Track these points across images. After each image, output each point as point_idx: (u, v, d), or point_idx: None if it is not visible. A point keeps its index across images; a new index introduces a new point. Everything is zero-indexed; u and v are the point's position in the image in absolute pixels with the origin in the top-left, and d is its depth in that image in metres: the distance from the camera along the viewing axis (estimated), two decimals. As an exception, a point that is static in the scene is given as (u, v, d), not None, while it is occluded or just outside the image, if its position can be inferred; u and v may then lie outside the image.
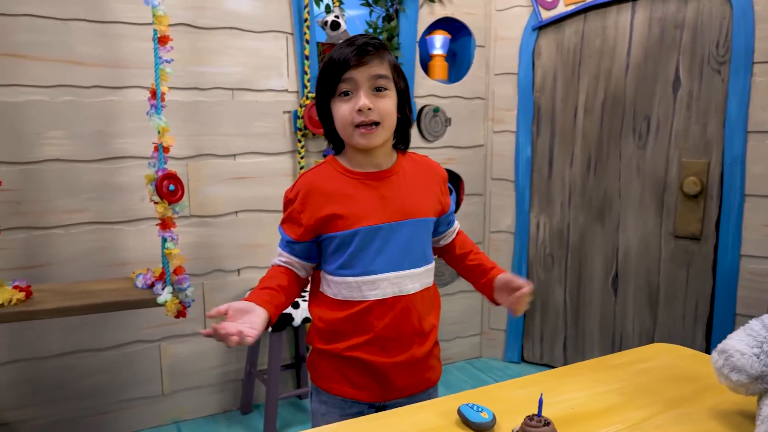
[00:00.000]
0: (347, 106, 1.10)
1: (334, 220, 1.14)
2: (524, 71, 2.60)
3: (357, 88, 1.10)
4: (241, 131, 2.19)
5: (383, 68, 1.11)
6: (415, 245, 1.18)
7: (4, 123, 1.83)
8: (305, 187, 1.16)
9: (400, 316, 1.16)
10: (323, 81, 1.14)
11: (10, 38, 1.81)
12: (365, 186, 1.16)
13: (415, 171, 1.22)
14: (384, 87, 1.11)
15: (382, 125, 1.11)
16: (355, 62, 1.08)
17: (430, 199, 1.21)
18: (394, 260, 1.15)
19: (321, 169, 1.20)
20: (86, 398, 2.05)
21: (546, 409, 0.94)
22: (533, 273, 2.73)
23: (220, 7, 2.10)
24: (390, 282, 1.15)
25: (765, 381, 0.88)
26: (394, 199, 1.16)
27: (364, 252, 1.14)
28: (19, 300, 1.67)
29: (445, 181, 1.27)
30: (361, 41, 1.09)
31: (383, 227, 1.14)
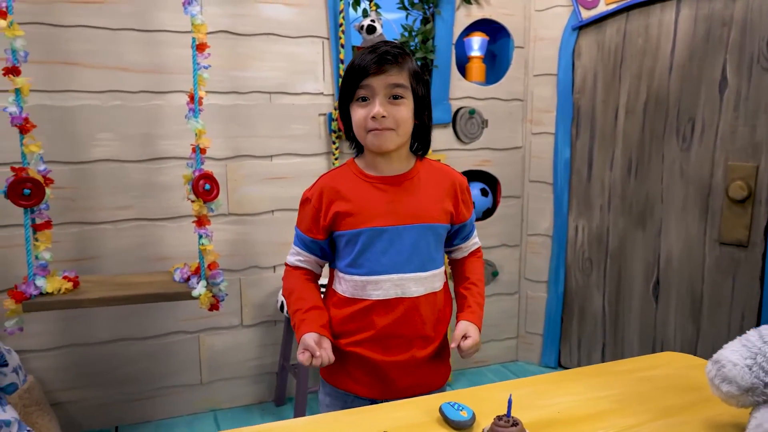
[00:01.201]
0: (363, 112, 1.15)
1: (343, 219, 1.19)
2: (564, 72, 2.56)
3: (374, 95, 1.14)
4: (278, 133, 2.27)
5: (401, 77, 1.15)
6: (422, 249, 1.21)
7: (59, 126, 1.98)
8: (322, 187, 1.22)
9: (403, 317, 1.19)
10: (345, 85, 1.19)
11: (66, 47, 1.96)
12: (377, 189, 1.20)
13: (430, 177, 1.25)
14: (400, 95, 1.15)
15: (395, 131, 1.15)
16: (374, 70, 1.13)
17: (442, 206, 1.23)
18: (399, 262, 1.19)
19: (339, 171, 1.26)
20: (129, 384, 2.19)
21: (532, 412, 0.94)
22: (571, 277, 2.68)
23: (259, 14, 2.18)
24: (393, 283, 1.19)
25: (756, 394, 0.85)
26: (405, 203, 1.19)
27: (369, 252, 1.19)
28: (67, 289, 1.81)
29: (464, 190, 1.29)
30: (381, 50, 1.14)
31: (389, 229, 1.18)
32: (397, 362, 1.19)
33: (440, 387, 1.29)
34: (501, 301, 2.78)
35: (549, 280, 2.73)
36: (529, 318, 2.82)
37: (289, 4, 2.22)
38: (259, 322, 2.34)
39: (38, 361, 2.05)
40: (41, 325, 2.03)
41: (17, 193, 1.71)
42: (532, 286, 2.78)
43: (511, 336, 2.83)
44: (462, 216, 1.29)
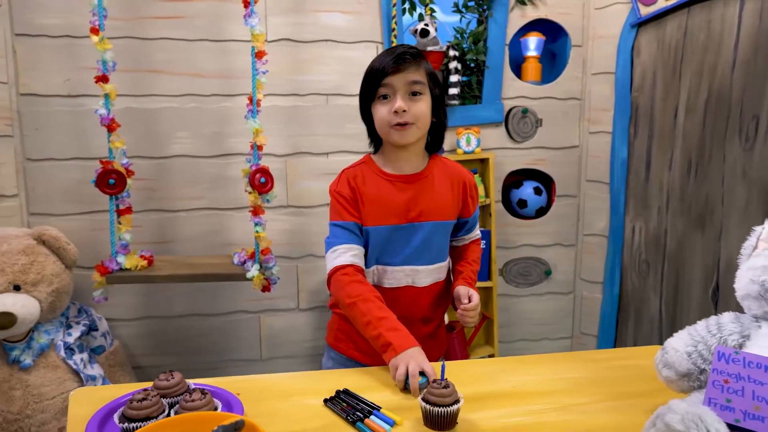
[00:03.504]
0: (385, 108, 1.25)
1: (366, 215, 1.30)
2: (622, 70, 2.52)
3: (394, 92, 1.23)
4: (334, 132, 2.44)
5: (419, 75, 1.24)
6: (432, 245, 1.32)
7: (143, 125, 2.28)
8: (351, 180, 1.32)
9: (410, 302, 1.31)
10: (365, 86, 1.30)
11: (150, 57, 2.25)
12: (396, 187, 1.30)
13: (443, 176, 1.34)
14: (419, 92, 1.24)
15: (416, 125, 1.25)
16: (393, 69, 1.22)
17: (452, 204, 1.34)
18: (411, 256, 1.30)
19: (360, 169, 1.37)
20: (199, 354, 2.46)
21: (489, 386, 1.03)
22: (627, 279, 2.63)
23: (317, 22, 2.37)
24: (405, 274, 1.31)
25: (691, 379, 0.88)
26: (421, 201, 1.29)
27: (387, 247, 1.30)
28: (142, 266, 2.10)
29: (471, 187, 1.39)
30: (399, 51, 1.24)
31: (406, 227, 1.29)
32: None
33: (438, 358, 1.39)
34: (555, 300, 2.78)
35: (604, 281, 2.69)
36: (584, 318, 2.79)
37: (345, 12, 2.38)
38: (313, 306, 2.53)
39: (123, 328, 2.38)
40: (127, 298, 2.35)
41: (104, 182, 2.01)
42: (588, 287, 2.76)
43: (565, 336, 2.82)
44: (468, 211, 1.39)
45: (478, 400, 0.99)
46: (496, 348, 2.58)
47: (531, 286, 2.74)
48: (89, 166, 2.12)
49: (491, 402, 0.98)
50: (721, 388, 0.82)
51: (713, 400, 0.81)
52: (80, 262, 2.15)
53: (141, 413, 0.85)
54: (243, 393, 1.01)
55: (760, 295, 0.89)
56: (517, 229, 2.68)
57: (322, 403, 1.00)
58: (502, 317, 2.69)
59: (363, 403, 0.99)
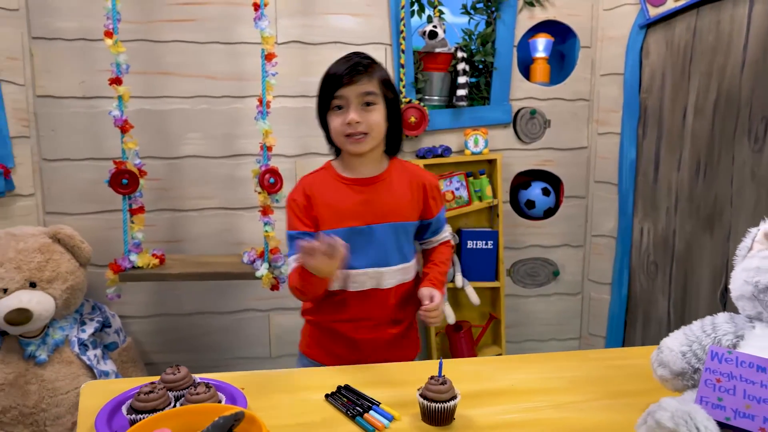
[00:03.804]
0: (339, 119, 1.28)
1: (323, 219, 1.32)
2: (631, 71, 2.52)
3: (348, 103, 1.27)
4: (343, 133, 2.47)
5: (371, 85, 1.28)
6: (394, 246, 1.35)
7: (155, 126, 2.32)
8: (306, 188, 1.35)
9: (376, 304, 1.34)
10: (321, 95, 1.32)
11: (162, 60, 2.29)
12: (352, 191, 1.33)
13: (402, 178, 1.37)
14: (372, 102, 1.28)
15: (370, 135, 1.28)
16: (347, 81, 1.26)
17: (411, 205, 1.36)
18: (374, 258, 1.32)
19: (318, 175, 1.40)
20: (209, 351, 2.50)
21: (488, 383, 1.05)
22: (635, 280, 2.63)
23: (327, 24, 2.40)
24: (369, 276, 1.33)
25: (685, 378, 0.90)
26: (378, 203, 1.32)
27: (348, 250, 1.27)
28: (154, 264, 2.14)
29: (433, 188, 1.40)
30: (353, 61, 1.27)
31: (364, 229, 1.31)
32: (369, 339, 1.34)
33: (413, 358, 1.43)
34: (563, 301, 2.78)
35: (613, 282, 2.69)
36: (591, 319, 2.79)
37: (354, 14, 2.41)
38: (322, 305, 2.56)
39: (135, 325, 2.42)
40: (139, 296, 2.40)
41: (117, 182, 2.06)
42: (596, 288, 2.76)
43: (573, 336, 2.83)
44: (430, 213, 1.41)
45: (476, 396, 1.01)
46: (504, 348, 2.59)
47: (539, 286, 2.75)
48: (103, 167, 2.17)
49: (488, 399, 1.00)
50: (713, 387, 0.84)
51: (705, 398, 0.83)
52: (94, 260, 2.20)
53: (148, 405, 0.88)
54: (247, 388, 1.04)
55: (753, 295, 0.90)
56: (525, 229, 2.69)
57: (323, 398, 1.02)
58: (510, 317, 2.70)
59: (363, 398, 1.01)
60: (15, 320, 1.88)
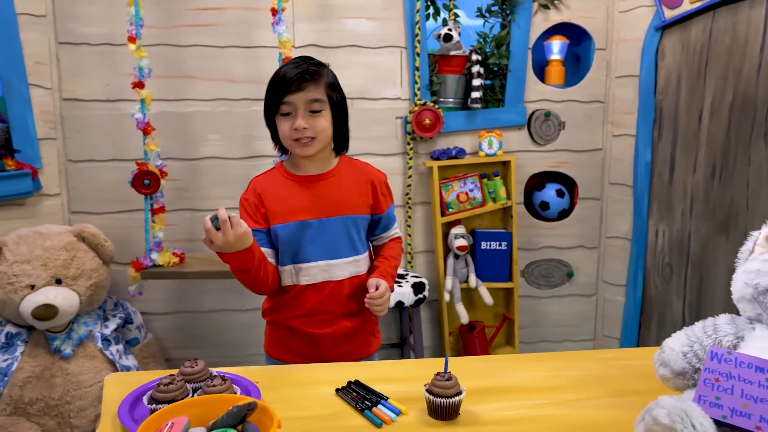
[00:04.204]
0: (287, 125, 1.31)
1: (274, 215, 1.36)
2: (646, 73, 2.52)
3: (295, 110, 1.30)
4: (359, 134, 2.48)
5: (318, 92, 1.30)
6: (345, 238, 1.39)
7: (177, 128, 2.39)
8: (257, 187, 1.39)
9: (330, 297, 1.37)
10: (269, 99, 1.35)
11: (183, 64, 2.36)
12: (302, 187, 1.37)
13: (351, 174, 1.41)
14: (318, 109, 1.31)
15: (316, 139, 1.31)
16: (294, 88, 1.28)
17: (360, 199, 1.40)
18: (325, 250, 1.36)
19: (269, 174, 1.44)
20: (227, 348, 2.56)
21: (494, 379, 1.08)
22: (650, 282, 2.62)
23: (343, 28, 2.44)
24: (321, 269, 1.37)
25: (686, 377, 0.92)
26: (328, 197, 1.36)
27: (298, 243, 1.36)
28: (174, 263, 2.20)
29: (382, 184, 1.45)
30: (301, 68, 1.30)
31: (313, 222, 1.35)
32: (327, 334, 1.38)
33: (369, 355, 1.47)
34: (577, 302, 2.79)
35: (627, 284, 2.69)
36: (606, 321, 2.80)
37: (370, 18, 2.45)
38: (337, 304, 2.60)
39: (156, 322, 2.49)
40: (160, 293, 2.46)
41: (139, 183, 2.13)
42: (610, 290, 2.76)
43: (587, 338, 2.83)
44: (381, 208, 1.45)
45: (481, 393, 1.04)
46: (517, 349, 2.61)
47: (553, 287, 2.76)
48: (126, 167, 2.24)
49: (493, 396, 1.03)
50: (711, 386, 0.85)
51: (703, 397, 0.85)
52: (117, 258, 2.27)
53: (167, 396, 0.93)
54: (261, 381, 1.09)
55: (753, 297, 0.91)
56: (540, 231, 2.71)
57: (334, 392, 1.06)
58: (524, 318, 2.72)
59: (372, 393, 1.05)
60: (41, 315, 1.96)
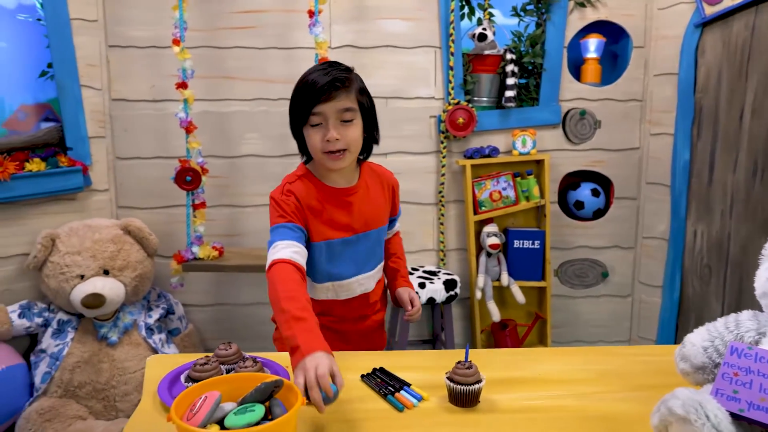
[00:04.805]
0: (318, 136, 1.23)
1: (314, 231, 1.29)
2: (685, 71, 2.48)
3: (326, 120, 1.22)
4: (393, 133, 2.55)
5: (349, 101, 1.23)
6: (377, 250, 1.41)
7: (218, 127, 2.48)
8: (297, 194, 1.30)
9: (364, 305, 1.41)
10: (297, 108, 1.26)
11: (224, 65, 2.45)
12: (339, 202, 1.32)
13: (374, 182, 1.39)
14: (350, 118, 1.23)
15: (348, 150, 1.24)
16: (324, 98, 1.20)
17: (386, 207, 1.42)
18: (361, 266, 1.37)
19: (302, 184, 1.33)
20: (263, 340, 2.62)
21: (516, 371, 1.10)
22: (688, 283, 2.58)
23: (379, 29, 2.49)
24: (359, 284, 1.38)
25: (706, 372, 0.92)
26: (360, 212, 1.34)
27: (337, 260, 1.34)
28: (214, 256, 2.29)
29: (397, 188, 1.46)
30: (331, 76, 1.22)
31: (352, 239, 1.34)
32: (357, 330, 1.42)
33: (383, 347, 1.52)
34: (612, 302, 2.76)
35: (664, 285, 2.65)
36: (642, 323, 2.76)
37: (405, 18, 2.49)
38: (370, 299, 2.65)
39: (196, 313, 2.59)
40: (200, 286, 2.56)
41: (181, 179, 2.22)
42: (647, 291, 2.72)
43: (622, 339, 2.80)
44: (395, 210, 1.48)
45: (502, 383, 1.06)
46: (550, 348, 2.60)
47: (587, 287, 2.74)
48: (169, 165, 2.34)
49: (514, 386, 1.05)
50: (729, 380, 0.86)
51: (720, 390, 0.85)
52: (160, 252, 2.37)
53: (203, 375, 0.99)
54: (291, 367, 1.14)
55: (776, 293, 0.91)
56: (574, 230, 2.69)
57: (359, 378, 1.10)
58: (557, 318, 2.71)
59: (395, 379, 1.09)
60: (90, 304, 2.07)
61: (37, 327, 2.19)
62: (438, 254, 2.66)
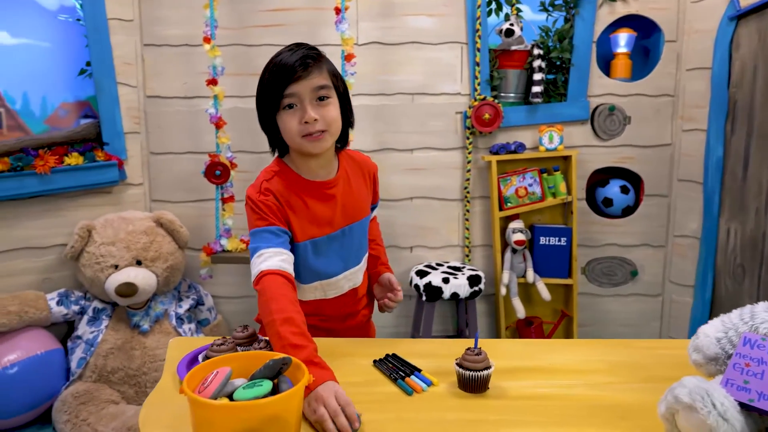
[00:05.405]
0: (294, 119, 1.15)
1: (297, 230, 1.21)
2: (719, 65, 2.42)
3: (301, 100, 1.14)
4: (418, 129, 2.57)
5: (323, 78, 1.16)
6: (362, 241, 1.34)
7: (246, 123, 2.52)
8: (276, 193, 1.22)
9: (349, 301, 1.36)
10: (267, 93, 1.19)
11: (254, 62, 2.50)
12: (321, 196, 1.24)
13: (354, 171, 1.32)
14: (326, 96, 1.16)
15: (328, 131, 1.17)
16: (297, 77, 1.13)
17: (368, 197, 1.36)
18: (348, 260, 1.30)
19: (279, 178, 1.25)
20: (290, 332, 2.68)
21: (528, 360, 1.11)
22: (720, 283, 2.51)
23: (405, 25, 2.50)
24: (347, 279, 1.32)
25: (718, 363, 0.91)
26: (344, 205, 1.27)
27: (323, 258, 1.26)
28: (241, 249, 2.35)
29: (374, 175, 1.39)
30: (299, 54, 1.15)
31: (337, 234, 1.26)
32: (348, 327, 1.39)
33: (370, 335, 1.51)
34: (641, 302, 2.71)
35: (696, 285, 2.59)
36: (672, 323, 2.70)
37: (431, 15, 2.50)
38: (395, 294, 2.67)
39: (225, 305, 2.66)
40: (229, 278, 2.62)
41: (211, 173, 2.29)
42: (678, 290, 2.66)
43: (652, 339, 2.74)
44: (376, 198, 1.42)
45: (513, 371, 1.07)
46: (576, 346, 2.57)
47: (615, 286, 2.70)
48: (200, 159, 2.41)
49: (524, 374, 1.06)
50: (741, 370, 0.85)
51: (731, 380, 0.84)
52: (190, 244, 2.44)
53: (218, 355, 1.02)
54: (306, 351, 1.17)
55: (791, 283, 0.89)
56: (602, 227, 2.66)
57: (371, 364, 1.13)
58: (584, 316, 2.68)
59: (406, 365, 1.10)
60: (123, 293, 2.15)
61: (74, 314, 2.29)
62: (463, 250, 2.66)
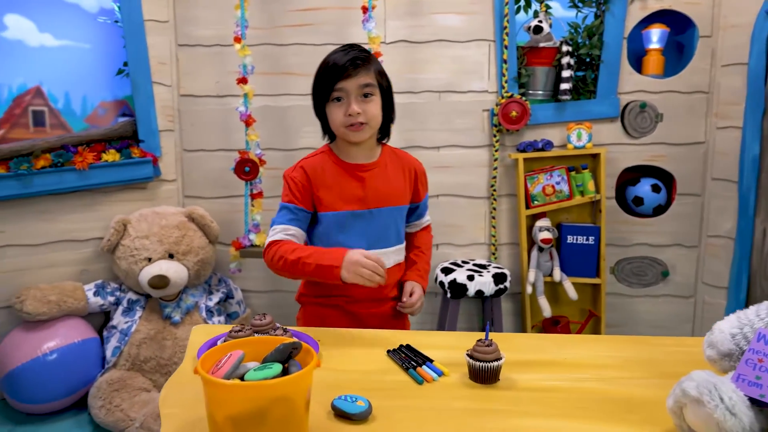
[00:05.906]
0: (340, 111, 1.33)
1: (326, 201, 1.37)
2: (756, 61, 2.35)
3: (348, 95, 1.32)
4: (445, 127, 2.58)
5: (369, 77, 1.33)
6: (391, 228, 1.43)
7: (277, 121, 2.59)
8: (308, 168, 1.40)
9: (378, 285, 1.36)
10: (319, 88, 1.37)
11: (284, 61, 2.56)
12: (352, 176, 1.40)
13: (395, 164, 1.45)
14: (370, 93, 1.34)
15: (368, 124, 1.34)
16: (346, 74, 1.31)
17: (405, 189, 1.44)
18: (374, 241, 1.40)
19: (319, 159, 1.44)
20: (316, 327, 2.72)
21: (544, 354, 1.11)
22: (755, 284, 2.44)
23: (433, 24, 2.52)
24: None
25: (732, 359, 0.90)
26: (377, 188, 1.39)
27: (348, 233, 1.38)
28: (269, 244, 2.40)
29: (420, 174, 1.49)
30: (350, 55, 1.33)
31: (364, 213, 1.39)
32: (373, 313, 1.43)
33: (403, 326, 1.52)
34: (672, 303, 2.65)
35: (729, 286, 2.52)
36: (705, 325, 2.63)
37: (459, 13, 2.50)
38: (421, 291, 2.68)
39: (254, 299, 2.72)
40: (257, 272, 2.68)
41: (241, 170, 2.35)
42: (711, 292, 2.60)
43: (684, 342, 2.68)
44: (419, 196, 1.49)
45: (525, 364, 1.07)
46: (603, 347, 2.53)
47: (646, 286, 2.65)
48: (231, 156, 2.47)
49: (536, 367, 1.06)
50: (753, 366, 0.83)
51: (742, 376, 0.83)
52: (221, 239, 2.51)
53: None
54: (323, 340, 1.20)
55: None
56: (632, 227, 2.61)
57: (385, 353, 1.15)
58: (612, 316, 2.64)
59: (419, 355, 1.12)
60: (156, 285, 2.23)
61: (109, 305, 2.38)
62: (489, 248, 2.65)
